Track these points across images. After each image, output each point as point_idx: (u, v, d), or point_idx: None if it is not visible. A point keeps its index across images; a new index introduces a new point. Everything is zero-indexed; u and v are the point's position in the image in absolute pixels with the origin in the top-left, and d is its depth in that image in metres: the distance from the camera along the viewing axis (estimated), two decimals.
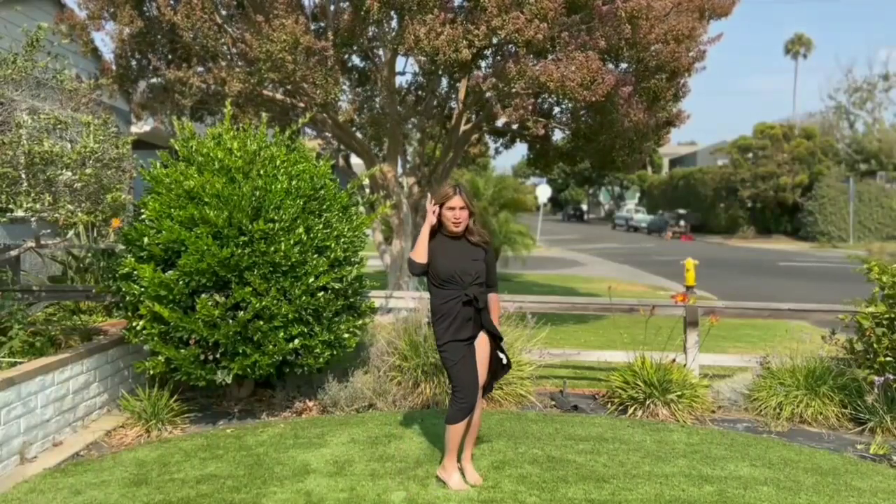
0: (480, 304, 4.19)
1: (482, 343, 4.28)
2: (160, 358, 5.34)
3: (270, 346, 5.29)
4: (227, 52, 9.05)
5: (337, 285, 5.59)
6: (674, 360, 6.12)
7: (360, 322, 5.92)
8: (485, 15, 7.84)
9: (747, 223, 38.48)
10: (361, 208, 7.34)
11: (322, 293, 5.48)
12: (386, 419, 5.65)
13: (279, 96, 9.49)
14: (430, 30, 7.76)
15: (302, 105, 9.19)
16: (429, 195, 4.08)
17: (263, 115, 6.75)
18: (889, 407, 5.43)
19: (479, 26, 7.86)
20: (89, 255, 8.07)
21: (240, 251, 5.28)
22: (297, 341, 5.37)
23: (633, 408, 5.86)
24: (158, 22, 9.04)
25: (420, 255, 4.22)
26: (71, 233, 6.31)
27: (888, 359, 5.45)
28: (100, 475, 4.50)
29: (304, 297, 5.38)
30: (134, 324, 5.41)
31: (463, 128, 10.69)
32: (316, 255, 5.51)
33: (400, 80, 10.76)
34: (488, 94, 8.70)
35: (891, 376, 5.34)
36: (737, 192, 38.04)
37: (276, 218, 5.41)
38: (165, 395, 5.50)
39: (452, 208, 4.17)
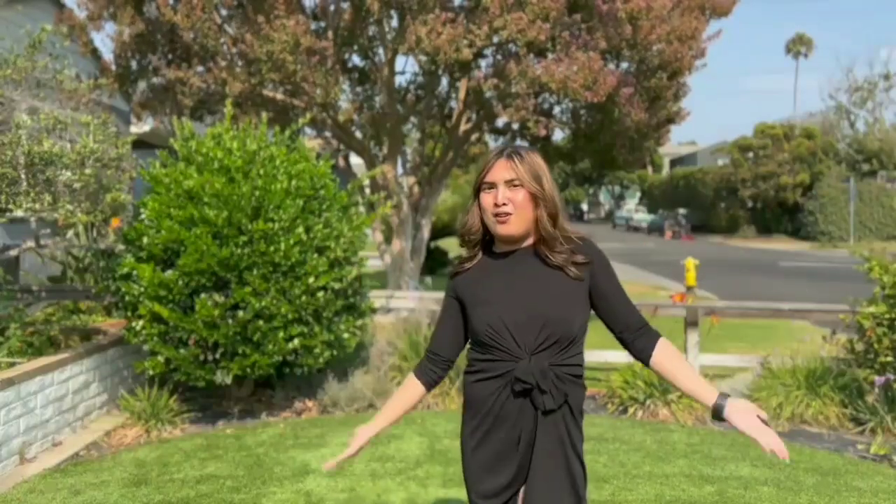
0: (552, 401, 1.95)
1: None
2: (159, 358, 5.33)
3: (270, 347, 5.29)
4: (226, 52, 9.04)
5: (337, 285, 5.58)
6: None
7: (360, 322, 5.92)
8: (487, 15, 7.83)
9: (748, 223, 38.45)
10: (361, 208, 7.33)
11: (322, 293, 5.47)
12: None
13: (279, 96, 9.48)
14: (432, 30, 7.76)
15: (302, 105, 9.18)
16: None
17: (263, 114, 6.74)
18: (890, 407, 5.42)
19: (480, 26, 7.85)
20: (89, 255, 8.06)
21: (239, 251, 5.28)
22: (296, 341, 5.37)
23: (633, 408, 5.86)
24: (158, 22, 9.03)
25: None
26: (70, 233, 6.30)
27: (889, 359, 5.44)
28: (99, 475, 4.49)
29: (303, 297, 5.37)
30: (133, 324, 5.41)
31: (463, 127, 10.68)
32: (316, 255, 5.50)
33: (400, 80, 10.75)
34: (489, 94, 8.70)
35: (891, 376, 5.33)
36: (737, 191, 38.01)
37: (275, 218, 5.41)
38: (165, 396, 5.50)
39: (492, 186, 2.03)
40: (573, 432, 2.00)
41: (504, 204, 1.99)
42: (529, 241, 2.07)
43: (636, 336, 2.10)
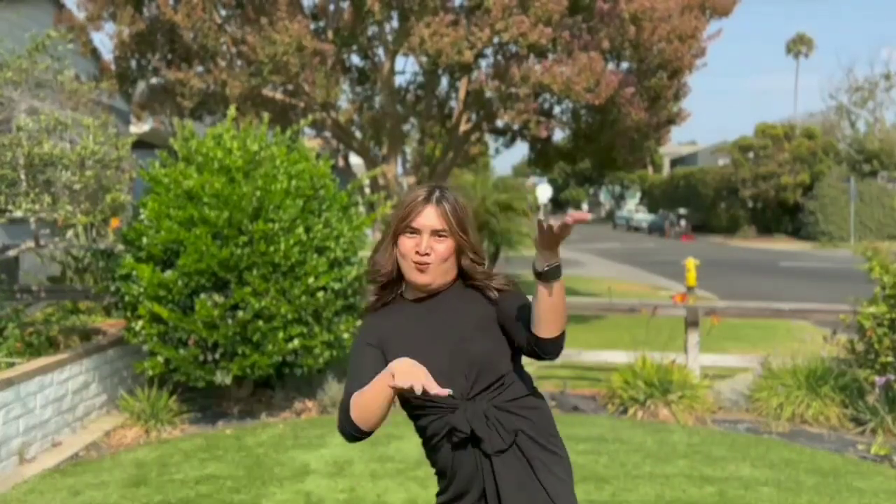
0: (499, 441, 1.78)
1: None
2: (159, 358, 5.33)
3: (270, 347, 5.28)
4: (226, 51, 9.04)
5: (336, 285, 5.58)
6: (674, 361, 6.10)
7: (360, 322, 5.90)
8: (488, 17, 7.83)
9: (748, 223, 38.43)
10: (361, 208, 7.33)
11: (322, 293, 5.47)
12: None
13: (279, 96, 9.48)
14: (435, 32, 7.75)
15: (302, 105, 9.18)
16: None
17: (265, 115, 6.73)
18: (890, 407, 5.41)
19: (482, 28, 7.84)
20: (88, 255, 8.06)
21: (239, 251, 5.27)
22: (296, 342, 5.36)
23: (633, 408, 5.85)
24: (158, 22, 9.03)
25: (362, 414, 1.78)
26: (70, 233, 6.30)
27: (889, 359, 5.43)
28: (99, 476, 4.49)
29: (303, 298, 5.36)
30: (133, 324, 5.41)
31: (463, 127, 10.68)
32: (316, 255, 5.50)
33: (400, 80, 10.76)
34: (489, 95, 8.70)
35: (892, 376, 5.32)
36: (737, 191, 37.99)
37: (275, 218, 5.40)
38: (165, 396, 5.49)
39: (415, 232, 1.87)
40: (541, 457, 1.81)
41: (427, 254, 1.84)
42: (436, 282, 1.88)
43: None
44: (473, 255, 1.90)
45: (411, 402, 1.83)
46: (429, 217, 1.85)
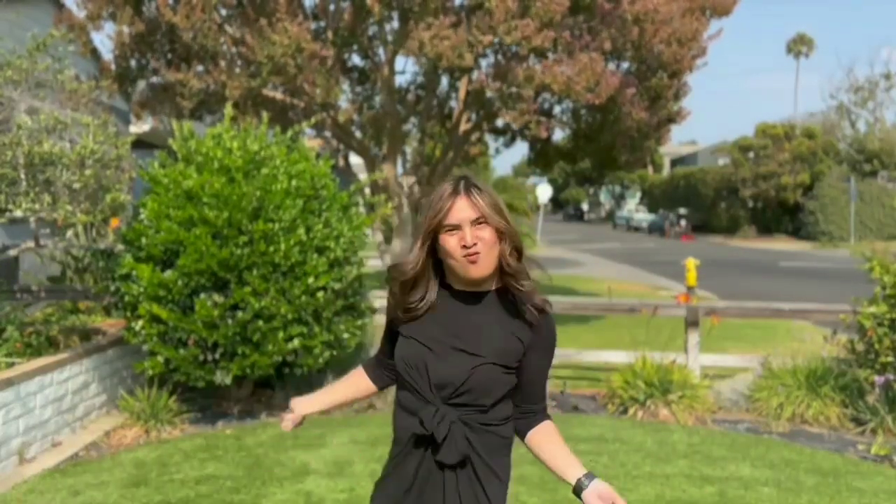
0: (451, 455, 1.80)
1: None
2: (159, 358, 5.32)
3: (270, 347, 5.28)
4: (226, 51, 9.04)
5: (337, 285, 5.58)
6: (674, 361, 6.10)
7: (360, 322, 5.91)
8: (491, 19, 7.80)
9: (748, 223, 38.43)
10: (361, 208, 7.34)
11: (322, 293, 5.47)
12: (386, 420, 5.61)
13: (279, 96, 9.48)
14: (435, 35, 7.73)
15: (302, 105, 9.18)
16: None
17: (265, 115, 6.73)
18: (890, 407, 5.41)
19: (484, 33, 7.82)
20: (88, 255, 8.06)
21: (239, 251, 5.27)
22: (296, 342, 5.36)
23: (633, 408, 5.85)
24: (158, 22, 9.03)
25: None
26: (70, 233, 6.30)
27: (889, 359, 5.43)
28: (99, 476, 4.49)
29: (303, 298, 5.36)
30: (133, 324, 5.40)
31: (463, 127, 10.68)
32: (316, 255, 5.50)
33: (400, 80, 10.75)
34: (490, 95, 8.70)
35: (892, 376, 5.32)
36: (738, 191, 38.00)
37: (276, 218, 5.40)
38: (164, 396, 5.49)
39: (456, 227, 1.81)
40: (487, 489, 1.85)
41: (475, 244, 1.79)
42: (494, 284, 1.87)
43: (525, 413, 1.94)
44: (513, 239, 1.84)
45: (398, 372, 1.89)
46: (463, 208, 1.80)
